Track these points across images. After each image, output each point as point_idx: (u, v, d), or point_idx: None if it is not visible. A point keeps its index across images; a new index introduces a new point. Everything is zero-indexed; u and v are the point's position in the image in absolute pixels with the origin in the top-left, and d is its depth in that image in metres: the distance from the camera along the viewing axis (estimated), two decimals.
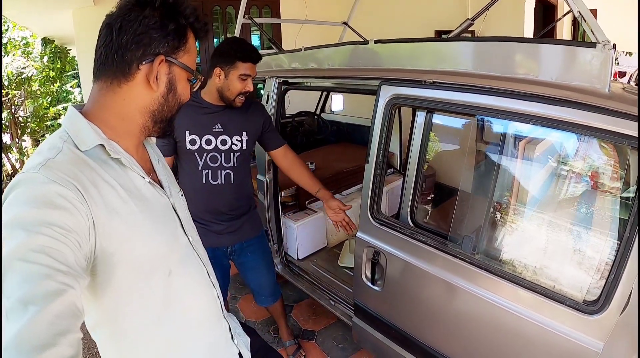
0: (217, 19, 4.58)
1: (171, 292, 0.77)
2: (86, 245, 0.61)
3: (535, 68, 1.12)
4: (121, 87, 0.71)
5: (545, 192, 1.21)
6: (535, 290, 1.10)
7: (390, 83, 1.32)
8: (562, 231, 1.15)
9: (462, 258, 1.23)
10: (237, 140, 1.63)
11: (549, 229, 1.18)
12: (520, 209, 1.23)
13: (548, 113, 1.04)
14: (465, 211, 1.25)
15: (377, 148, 1.36)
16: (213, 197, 1.64)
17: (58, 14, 4.31)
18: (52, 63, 5.84)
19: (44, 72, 5.37)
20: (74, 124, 0.69)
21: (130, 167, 0.73)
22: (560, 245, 1.15)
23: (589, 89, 1.02)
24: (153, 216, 0.74)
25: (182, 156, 1.65)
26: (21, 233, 0.54)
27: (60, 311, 0.51)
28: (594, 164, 1.14)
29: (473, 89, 1.17)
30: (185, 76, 0.76)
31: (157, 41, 0.69)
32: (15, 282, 0.51)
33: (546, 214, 1.21)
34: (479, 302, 1.20)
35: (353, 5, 2.90)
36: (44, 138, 6.26)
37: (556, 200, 1.19)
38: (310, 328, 2.45)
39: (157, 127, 0.77)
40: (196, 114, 1.60)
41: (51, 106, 5.81)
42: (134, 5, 0.69)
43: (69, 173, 0.62)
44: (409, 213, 1.39)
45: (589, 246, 1.10)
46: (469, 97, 1.17)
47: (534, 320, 1.09)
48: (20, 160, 4.62)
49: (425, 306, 1.37)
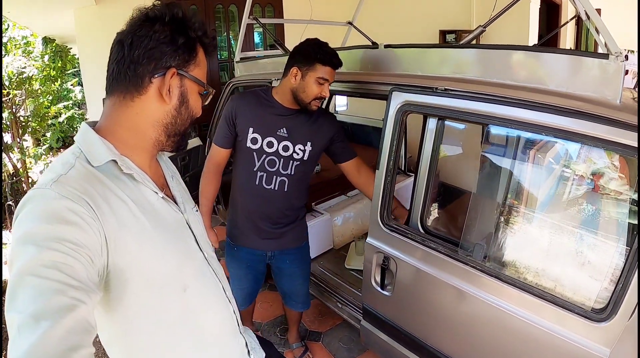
0: (219, 17, 4.57)
1: (186, 308, 0.77)
2: (98, 260, 0.62)
3: (547, 77, 1.12)
4: (134, 101, 0.72)
5: (554, 199, 1.22)
6: (545, 298, 1.11)
7: (401, 89, 1.33)
8: (571, 239, 1.16)
9: (472, 266, 1.24)
10: (300, 149, 1.56)
11: (558, 236, 1.18)
12: (529, 216, 1.24)
13: (559, 124, 1.04)
14: (476, 219, 1.26)
15: (388, 155, 1.37)
16: (263, 201, 1.60)
17: (59, 13, 4.29)
18: (52, 62, 5.81)
19: (45, 71, 5.35)
20: (86, 140, 0.70)
21: (142, 182, 0.73)
22: (569, 252, 1.15)
23: (600, 100, 1.02)
24: (166, 232, 0.74)
25: (239, 153, 1.60)
26: (32, 249, 0.55)
27: (72, 326, 0.51)
28: (602, 171, 1.14)
29: (486, 97, 1.17)
30: (197, 89, 0.76)
31: (168, 55, 0.71)
32: (27, 298, 0.51)
33: (555, 222, 1.21)
34: (488, 308, 1.22)
35: (358, 5, 2.88)
36: (45, 137, 6.26)
37: (564, 207, 1.19)
38: (317, 329, 2.46)
39: (170, 141, 0.78)
40: (263, 112, 1.55)
41: (52, 104, 5.79)
42: (144, 21, 0.71)
43: (80, 189, 0.62)
44: (419, 219, 1.39)
45: (597, 254, 1.10)
46: (482, 106, 1.17)
47: (542, 327, 1.11)
48: (22, 160, 4.61)
49: (435, 312, 1.38)
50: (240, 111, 1.56)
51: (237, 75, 2.62)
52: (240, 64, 2.54)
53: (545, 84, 1.11)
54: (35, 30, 5.59)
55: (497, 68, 1.20)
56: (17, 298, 0.52)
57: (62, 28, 5.07)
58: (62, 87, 6.64)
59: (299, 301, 1.93)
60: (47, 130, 6.15)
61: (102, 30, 3.80)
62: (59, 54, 5.93)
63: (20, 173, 4.69)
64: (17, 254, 0.55)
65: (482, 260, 1.22)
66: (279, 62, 2.14)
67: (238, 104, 1.57)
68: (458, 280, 1.27)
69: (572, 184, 1.17)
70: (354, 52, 1.64)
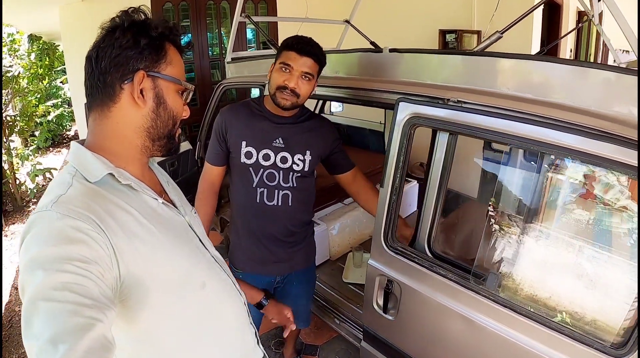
0: (210, 14, 4.42)
1: (207, 304, 0.80)
2: (109, 274, 0.61)
3: (573, 93, 1.00)
4: (111, 111, 0.72)
5: (576, 228, 1.11)
6: (562, 332, 1.03)
7: (409, 100, 1.20)
8: (589, 272, 1.05)
9: (485, 295, 1.14)
10: (299, 159, 1.43)
11: (578, 268, 1.08)
12: (547, 245, 1.13)
13: (587, 148, 0.93)
14: (490, 246, 1.15)
15: (394, 172, 1.24)
16: (267, 220, 1.46)
17: (45, 10, 4.13)
18: (39, 60, 5.63)
19: (32, 69, 5.17)
20: (79, 158, 0.70)
21: (141, 191, 0.74)
22: (588, 286, 1.05)
23: (628, 120, 0.92)
24: (173, 235, 0.75)
25: (234, 170, 1.47)
26: (41, 273, 0.54)
27: (89, 346, 0.51)
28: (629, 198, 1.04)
29: (505, 114, 1.05)
30: (174, 88, 0.75)
31: (134, 59, 0.70)
32: (42, 323, 0.51)
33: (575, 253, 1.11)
34: (500, 340, 1.12)
35: (356, 3, 2.77)
36: (33, 137, 6.09)
37: (588, 236, 1.09)
38: (312, 342, 2.36)
39: (157, 145, 0.77)
40: (256, 123, 1.42)
41: (40, 103, 5.62)
42: (106, 34, 0.71)
43: (82, 206, 0.62)
44: (426, 241, 1.27)
45: (617, 288, 1.01)
46: (499, 123, 1.05)
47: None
48: (9, 161, 4.45)
49: (442, 340, 1.27)
50: (230, 124, 1.43)
51: (228, 76, 2.49)
52: (232, 64, 2.40)
53: (572, 99, 1.00)
54: (20, 27, 5.40)
55: (518, 80, 1.09)
56: (32, 325, 0.52)
57: (48, 25, 4.90)
58: (50, 85, 6.45)
59: (300, 319, 1.81)
60: (35, 129, 5.97)
61: (87, 27, 3.61)
62: (46, 52, 5.75)
63: (7, 175, 4.54)
64: (27, 281, 0.55)
65: (495, 290, 1.12)
66: (270, 62, 2.00)
67: (227, 117, 1.44)
68: (469, 309, 1.17)
69: (599, 213, 1.06)
70: (353, 56, 1.51)
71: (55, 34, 5.51)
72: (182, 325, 0.76)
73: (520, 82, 1.10)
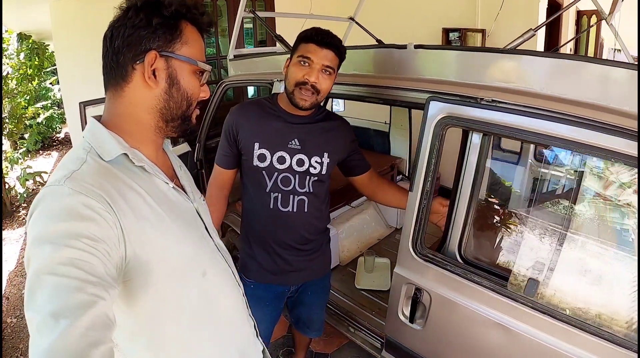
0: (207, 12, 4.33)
1: (206, 293, 0.80)
2: (116, 253, 0.61)
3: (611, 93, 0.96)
4: (124, 91, 0.71)
5: (619, 232, 1.06)
6: (612, 340, 0.98)
7: (441, 99, 1.13)
8: (627, 276, 1.01)
9: (523, 303, 1.08)
10: (317, 162, 1.34)
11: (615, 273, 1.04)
12: (589, 247, 1.08)
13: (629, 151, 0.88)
14: (530, 251, 1.09)
15: (425, 175, 1.17)
16: (281, 227, 1.37)
17: (34, 7, 3.98)
18: (29, 60, 5.44)
19: (21, 69, 5.00)
20: (95, 135, 0.70)
21: (154, 174, 0.74)
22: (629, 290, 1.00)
23: None
24: (181, 220, 0.75)
25: (246, 173, 1.37)
26: (48, 247, 0.55)
27: (91, 323, 0.52)
28: None
29: (542, 114, 1.00)
30: (189, 68, 0.73)
31: (146, 38, 0.69)
32: (46, 296, 0.52)
33: (616, 253, 1.06)
34: (541, 348, 1.06)
35: (360, 1, 2.71)
36: (23, 140, 5.90)
37: (622, 244, 1.04)
38: (322, 350, 2.29)
39: (171, 126, 0.76)
40: (269, 123, 1.32)
41: (30, 104, 5.44)
42: (121, 13, 0.70)
43: (94, 183, 0.62)
44: (457, 247, 1.21)
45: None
46: (537, 123, 1.00)
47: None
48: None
49: (475, 348, 1.21)
50: (242, 125, 1.33)
51: (230, 74, 2.40)
52: (234, 62, 2.32)
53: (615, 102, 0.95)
54: (9, 26, 5.22)
55: (555, 80, 1.04)
56: (35, 297, 0.52)
57: (38, 23, 4.74)
58: (40, 86, 6.27)
59: (313, 329, 1.74)
60: (25, 131, 5.79)
61: (80, 25, 3.52)
62: (36, 51, 5.57)
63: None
64: (34, 254, 0.56)
65: (535, 297, 1.06)
66: (279, 60, 1.92)
67: (239, 116, 1.35)
68: (506, 316, 1.12)
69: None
70: (374, 52, 1.44)
71: (45, 33, 5.33)
72: (181, 311, 0.75)
73: (554, 81, 1.05)
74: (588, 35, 4.37)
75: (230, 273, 0.88)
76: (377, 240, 2.75)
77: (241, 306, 0.91)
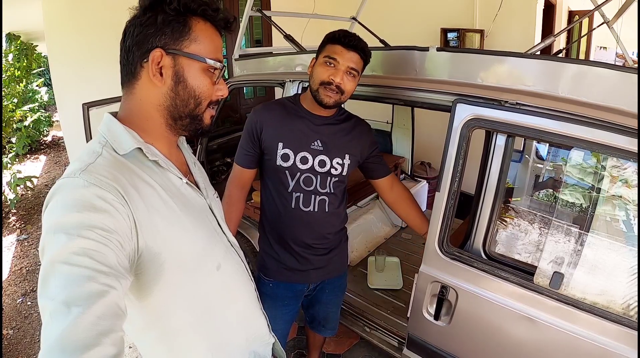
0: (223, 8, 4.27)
1: (221, 286, 0.82)
2: (128, 245, 0.63)
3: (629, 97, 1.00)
4: (135, 89, 0.73)
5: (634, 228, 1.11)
6: None
7: (467, 101, 1.16)
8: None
9: (549, 296, 1.12)
10: (338, 163, 1.36)
11: None
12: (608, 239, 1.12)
13: None
14: (553, 244, 1.13)
15: (452, 175, 1.20)
16: (301, 226, 1.39)
17: (25, 5, 3.87)
18: (17, 61, 5.30)
19: (9, 71, 4.87)
20: (110, 129, 0.71)
21: (167, 169, 0.75)
22: None
23: None
24: (193, 214, 0.76)
25: (268, 173, 1.39)
26: (63, 237, 0.56)
27: (102, 312, 0.53)
28: None
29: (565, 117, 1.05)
30: (198, 66, 0.72)
31: (153, 36, 0.69)
32: (59, 285, 0.53)
33: None
34: (568, 339, 1.11)
35: (362, 1, 2.73)
36: (12, 144, 5.75)
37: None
38: (334, 351, 2.30)
39: (180, 124, 0.76)
40: (293, 123, 1.33)
41: (17, 107, 5.30)
42: (134, 14, 0.71)
43: (108, 176, 0.63)
44: (482, 244, 1.24)
45: None
46: (560, 126, 1.05)
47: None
48: None
49: (502, 344, 1.24)
50: (266, 124, 1.35)
51: (236, 74, 2.39)
52: (240, 61, 2.31)
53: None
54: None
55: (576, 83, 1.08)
56: (49, 285, 0.54)
57: (28, 23, 4.61)
58: (27, 88, 6.11)
59: (329, 327, 1.75)
60: (13, 135, 5.64)
61: (74, 24, 3.43)
62: (25, 52, 5.43)
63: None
64: (49, 243, 0.57)
65: (561, 290, 1.10)
66: (290, 60, 1.93)
67: (263, 116, 1.36)
68: (533, 309, 1.16)
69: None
70: (395, 54, 1.46)
71: (34, 34, 5.20)
72: (192, 305, 0.76)
73: (576, 85, 1.09)
74: (580, 34, 4.48)
75: (244, 268, 0.90)
76: (383, 239, 2.77)
77: (254, 301, 0.94)
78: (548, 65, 1.13)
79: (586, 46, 4.53)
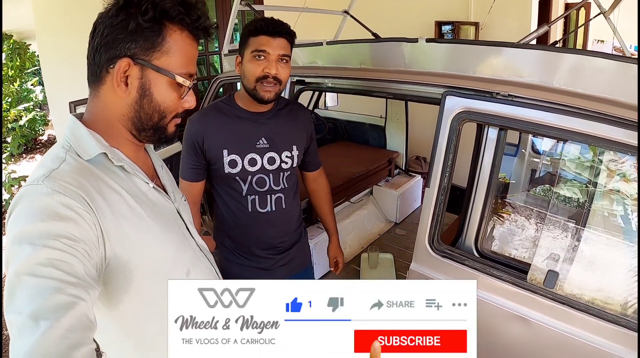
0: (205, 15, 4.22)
1: None
2: (95, 253, 0.61)
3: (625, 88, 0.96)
4: (99, 92, 0.70)
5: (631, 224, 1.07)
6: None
7: (458, 94, 1.12)
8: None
9: (543, 295, 1.09)
10: (287, 156, 1.32)
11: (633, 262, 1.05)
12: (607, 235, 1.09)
13: None
14: (548, 240, 1.09)
15: (442, 170, 1.16)
16: (262, 228, 1.34)
17: (16, 4, 3.82)
18: (10, 61, 5.24)
19: (3, 71, 4.82)
20: (74, 133, 0.69)
21: (133, 173, 0.72)
22: None
23: None
24: (161, 220, 0.74)
25: (217, 181, 1.33)
26: (28, 248, 0.54)
27: (71, 324, 0.51)
28: None
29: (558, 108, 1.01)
30: (166, 80, 0.69)
31: (123, 42, 0.66)
32: (26, 298, 0.51)
33: None
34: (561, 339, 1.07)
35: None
36: (6, 144, 5.70)
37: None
38: None
39: (144, 135, 0.73)
40: (233, 126, 1.28)
41: (11, 107, 5.25)
42: (106, 9, 0.67)
43: (73, 183, 0.61)
44: (473, 241, 1.21)
45: None
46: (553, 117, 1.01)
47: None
48: None
49: (498, 345, 1.21)
50: (206, 134, 1.27)
51: (225, 70, 2.35)
52: (229, 57, 2.27)
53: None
54: None
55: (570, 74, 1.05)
56: (15, 299, 0.52)
57: (20, 22, 4.56)
58: (21, 87, 6.06)
59: None
60: (7, 135, 5.60)
61: (65, 22, 3.39)
62: (17, 52, 5.37)
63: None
64: (13, 254, 0.55)
65: (556, 289, 1.06)
66: None
67: (201, 125, 1.28)
68: (527, 309, 1.12)
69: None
70: (383, 46, 1.41)
71: (26, 32, 5.14)
72: (164, 311, 0.73)
73: (572, 76, 1.05)
74: (577, 27, 4.41)
75: (214, 271, 0.89)
76: (377, 235, 2.75)
77: None
78: (542, 55, 1.09)
79: (583, 39, 4.47)
